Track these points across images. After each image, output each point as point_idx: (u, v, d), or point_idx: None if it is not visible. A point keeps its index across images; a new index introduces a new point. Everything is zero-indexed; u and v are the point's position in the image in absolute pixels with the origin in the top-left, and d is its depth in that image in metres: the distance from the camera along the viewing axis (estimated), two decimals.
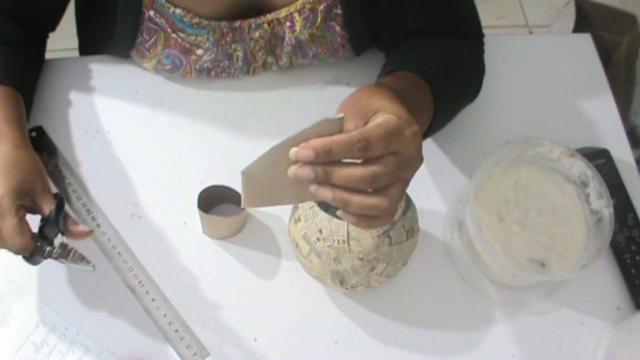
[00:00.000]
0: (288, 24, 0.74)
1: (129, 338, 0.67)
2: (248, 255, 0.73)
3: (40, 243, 0.63)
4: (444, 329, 0.70)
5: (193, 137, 0.79)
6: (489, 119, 0.83)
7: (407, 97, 0.57)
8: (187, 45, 0.75)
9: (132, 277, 0.70)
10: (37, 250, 0.63)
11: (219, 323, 0.69)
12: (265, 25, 0.74)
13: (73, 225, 0.65)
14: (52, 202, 0.64)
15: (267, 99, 0.82)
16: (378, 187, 0.48)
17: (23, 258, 0.63)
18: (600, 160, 0.78)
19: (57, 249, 0.64)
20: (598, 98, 0.86)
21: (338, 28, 0.75)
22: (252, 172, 0.47)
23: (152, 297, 0.69)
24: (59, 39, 0.85)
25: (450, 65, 0.72)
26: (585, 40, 0.90)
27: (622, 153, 0.81)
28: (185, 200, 0.74)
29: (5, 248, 0.61)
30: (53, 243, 0.64)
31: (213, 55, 0.76)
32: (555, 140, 0.71)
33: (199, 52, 0.75)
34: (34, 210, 0.64)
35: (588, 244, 0.69)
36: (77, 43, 0.91)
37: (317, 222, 0.62)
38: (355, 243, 0.61)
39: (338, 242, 0.61)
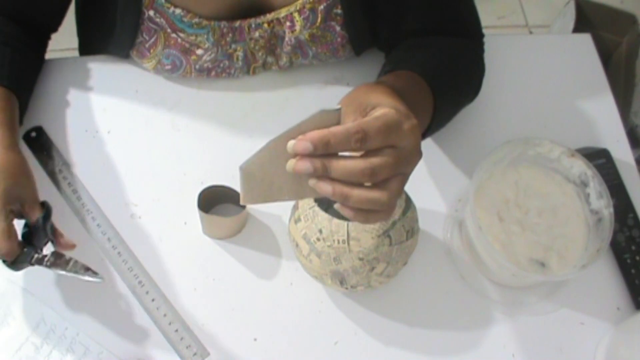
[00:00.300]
0: (288, 24, 0.74)
1: (129, 338, 0.67)
2: (248, 255, 0.73)
3: (27, 250, 0.63)
4: (444, 329, 0.70)
5: (193, 137, 0.79)
6: (489, 119, 0.83)
7: (406, 95, 0.57)
8: (187, 45, 0.75)
9: (132, 277, 0.70)
10: (22, 257, 0.63)
11: (219, 323, 0.69)
12: (265, 25, 0.74)
13: (59, 237, 0.65)
14: (39, 209, 0.64)
15: (267, 99, 0.82)
16: (377, 180, 0.48)
17: (3, 262, 0.63)
18: (600, 160, 0.78)
19: (49, 257, 0.64)
20: (598, 98, 0.86)
21: (338, 28, 0.75)
22: (250, 167, 0.47)
23: (152, 297, 0.69)
24: (59, 39, 0.85)
25: (450, 65, 0.72)
26: (585, 40, 0.90)
27: (622, 153, 0.81)
28: (185, 200, 0.74)
29: None
30: (42, 251, 0.64)
31: (213, 55, 0.76)
32: (555, 140, 0.71)
33: (199, 52, 0.75)
34: (21, 216, 0.64)
35: (588, 244, 0.69)
36: (77, 43, 0.91)
37: (317, 222, 0.62)
38: (355, 243, 0.61)
39: (338, 242, 0.61)
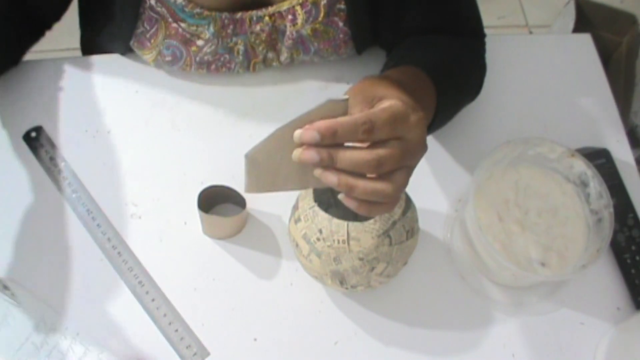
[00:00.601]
0: (290, 17, 0.73)
1: (129, 338, 0.67)
2: (248, 255, 0.73)
3: None
4: (444, 329, 0.70)
5: (193, 137, 0.79)
6: (489, 119, 0.83)
7: (410, 89, 0.56)
8: (187, 36, 0.74)
9: (132, 277, 0.70)
10: None
11: (219, 323, 0.69)
12: (267, 18, 0.74)
13: None
14: None
15: (267, 99, 0.82)
16: (383, 172, 0.48)
17: None
18: (600, 160, 0.78)
19: None
20: (598, 98, 0.86)
21: (341, 24, 0.75)
22: (255, 155, 0.47)
23: (152, 297, 0.69)
24: (59, 39, 0.85)
25: (452, 63, 0.72)
26: (585, 40, 0.90)
27: (622, 153, 0.81)
28: (185, 200, 0.74)
29: None
30: None
31: (213, 48, 0.76)
32: (555, 140, 0.71)
33: (199, 43, 0.75)
34: None
35: (588, 244, 0.69)
36: (76, 43, 0.91)
37: (317, 222, 0.62)
38: (355, 243, 0.61)
39: (338, 242, 0.61)
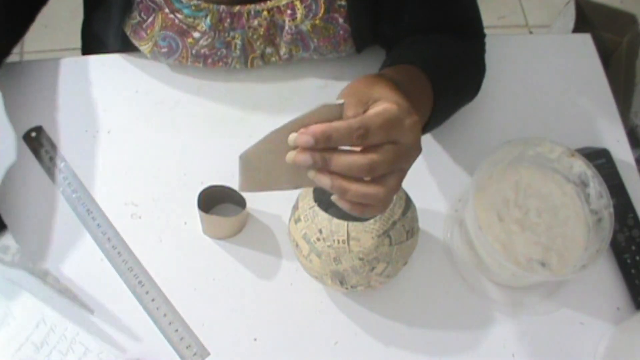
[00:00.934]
0: (289, 12, 0.73)
1: (129, 338, 0.67)
2: (248, 255, 0.73)
3: None
4: (444, 329, 0.70)
5: (193, 137, 0.79)
6: (489, 119, 0.83)
7: (407, 89, 0.57)
8: (184, 27, 0.74)
9: (132, 277, 0.70)
10: None
11: (219, 323, 0.69)
12: (265, 13, 0.74)
13: None
14: None
15: (267, 99, 0.82)
16: (376, 175, 0.48)
17: None
18: (600, 160, 0.78)
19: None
20: (598, 98, 0.86)
21: (341, 20, 0.75)
22: (249, 156, 0.47)
23: (152, 297, 0.69)
24: (59, 39, 0.85)
25: (451, 63, 0.72)
26: (585, 40, 0.90)
27: (622, 153, 0.81)
28: (185, 200, 0.74)
29: None
30: None
31: (210, 41, 0.75)
32: (555, 140, 0.71)
33: (196, 35, 0.75)
34: None
35: (588, 244, 0.69)
36: (76, 43, 0.91)
37: (317, 222, 0.62)
38: (355, 243, 0.61)
39: (338, 242, 0.61)
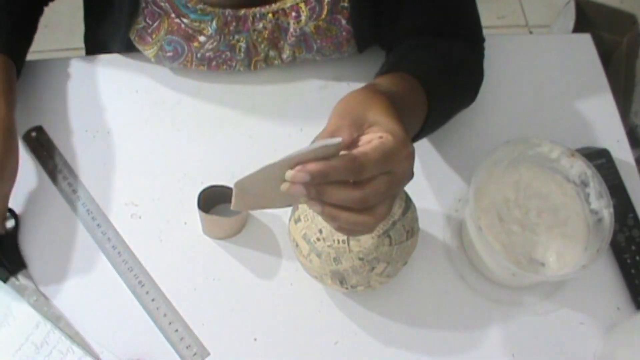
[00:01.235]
0: (293, 14, 0.73)
1: (129, 338, 0.67)
2: (248, 255, 0.73)
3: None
4: (444, 329, 0.70)
5: (193, 137, 0.79)
6: (489, 119, 0.83)
7: (401, 98, 0.57)
8: (189, 32, 0.74)
9: (132, 277, 0.70)
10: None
11: (219, 323, 0.69)
12: (270, 16, 0.74)
13: None
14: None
15: (267, 100, 0.82)
16: (367, 207, 0.49)
17: None
18: (600, 160, 0.78)
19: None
20: (598, 98, 0.86)
21: (344, 21, 0.75)
22: (244, 185, 0.48)
23: (152, 297, 0.69)
24: (60, 39, 0.85)
25: (448, 71, 0.72)
26: (585, 40, 0.90)
27: (622, 153, 0.81)
28: (185, 200, 0.74)
29: None
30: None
31: (215, 44, 0.76)
32: (555, 140, 0.71)
33: (202, 39, 0.75)
34: None
35: (588, 244, 0.69)
36: (77, 43, 0.91)
37: (317, 222, 0.62)
38: (355, 243, 0.61)
39: (338, 242, 0.61)
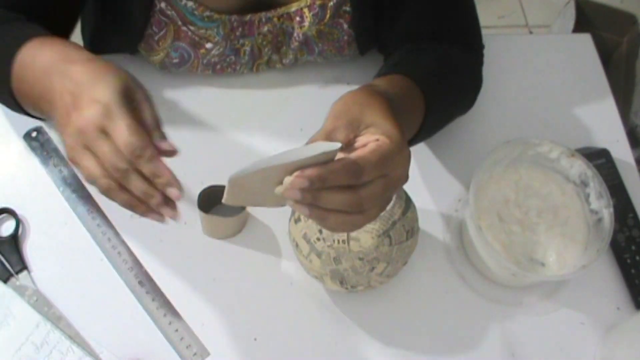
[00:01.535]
0: (298, 19, 0.74)
1: (129, 338, 0.67)
2: (248, 255, 0.73)
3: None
4: (444, 329, 0.70)
5: (193, 137, 0.79)
6: (489, 119, 0.83)
7: (398, 101, 0.57)
8: (196, 39, 0.74)
9: (132, 277, 0.70)
10: None
11: (219, 323, 0.69)
12: (275, 19, 0.74)
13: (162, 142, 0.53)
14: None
15: (267, 100, 0.82)
16: (362, 210, 0.49)
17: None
18: (600, 160, 0.78)
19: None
20: (598, 98, 0.86)
21: (345, 25, 0.75)
22: (239, 181, 0.48)
23: (152, 297, 0.69)
24: None
25: (446, 76, 0.72)
26: (585, 40, 0.90)
27: (622, 153, 0.81)
28: (185, 200, 0.74)
29: (106, 166, 0.50)
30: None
31: (221, 50, 0.76)
32: (555, 140, 0.71)
33: (208, 45, 0.75)
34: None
35: (588, 244, 0.69)
36: (78, 43, 0.90)
37: None
38: (355, 243, 0.61)
39: (338, 242, 0.61)
